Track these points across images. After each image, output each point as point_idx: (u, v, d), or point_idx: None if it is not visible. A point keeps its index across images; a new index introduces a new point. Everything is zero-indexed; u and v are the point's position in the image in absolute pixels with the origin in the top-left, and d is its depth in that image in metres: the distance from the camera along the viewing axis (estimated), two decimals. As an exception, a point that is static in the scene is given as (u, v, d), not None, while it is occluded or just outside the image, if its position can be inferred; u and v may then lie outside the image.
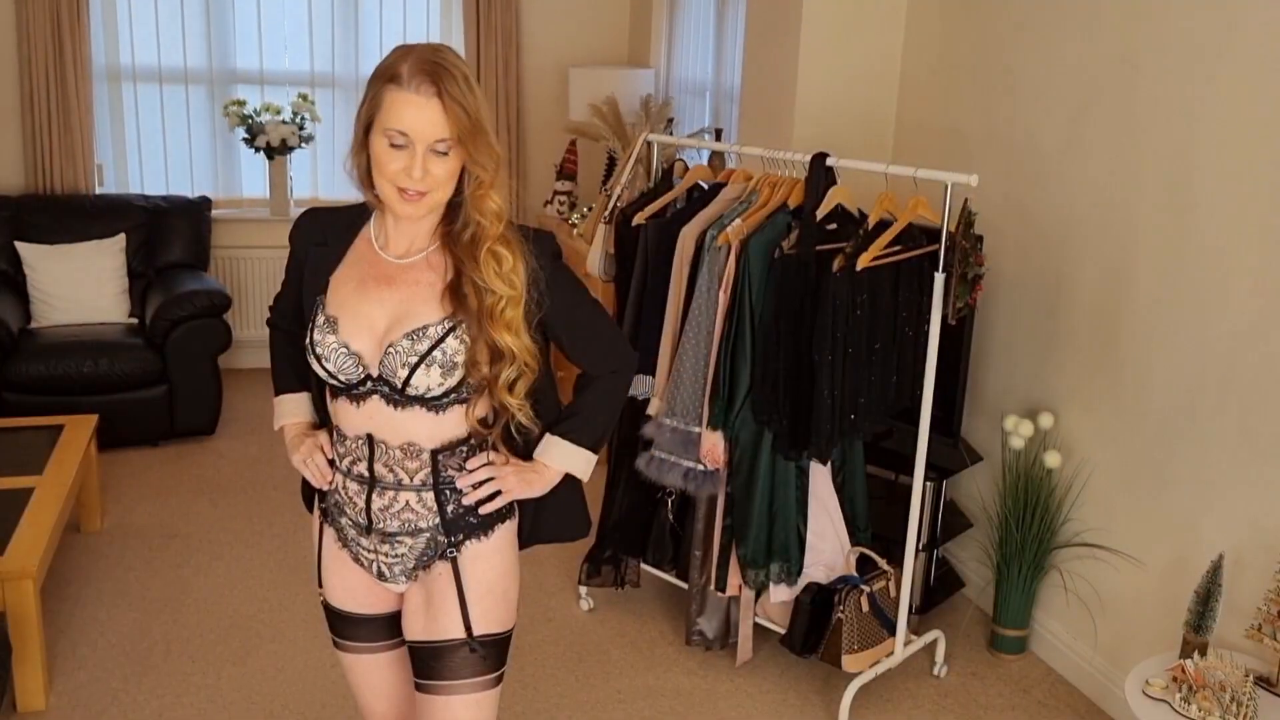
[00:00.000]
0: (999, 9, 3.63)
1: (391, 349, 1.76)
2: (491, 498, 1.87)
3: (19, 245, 5.02)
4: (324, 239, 1.88)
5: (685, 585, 3.40)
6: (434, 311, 1.77)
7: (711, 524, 3.26)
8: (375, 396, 1.79)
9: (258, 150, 5.61)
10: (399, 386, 1.77)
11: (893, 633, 3.18)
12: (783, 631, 3.21)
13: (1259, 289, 2.71)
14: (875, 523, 3.47)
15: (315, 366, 1.82)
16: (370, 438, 1.82)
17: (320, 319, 1.81)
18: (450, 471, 1.85)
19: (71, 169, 5.37)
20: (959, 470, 3.59)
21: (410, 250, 1.81)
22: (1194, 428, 2.91)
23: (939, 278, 2.94)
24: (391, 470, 1.83)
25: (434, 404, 1.79)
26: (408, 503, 1.85)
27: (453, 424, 1.83)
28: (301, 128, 5.63)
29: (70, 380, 4.56)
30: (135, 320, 5.03)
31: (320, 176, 5.93)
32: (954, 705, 3.22)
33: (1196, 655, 2.55)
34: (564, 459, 1.91)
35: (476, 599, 1.89)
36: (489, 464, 1.87)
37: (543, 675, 3.26)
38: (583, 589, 3.63)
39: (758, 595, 3.27)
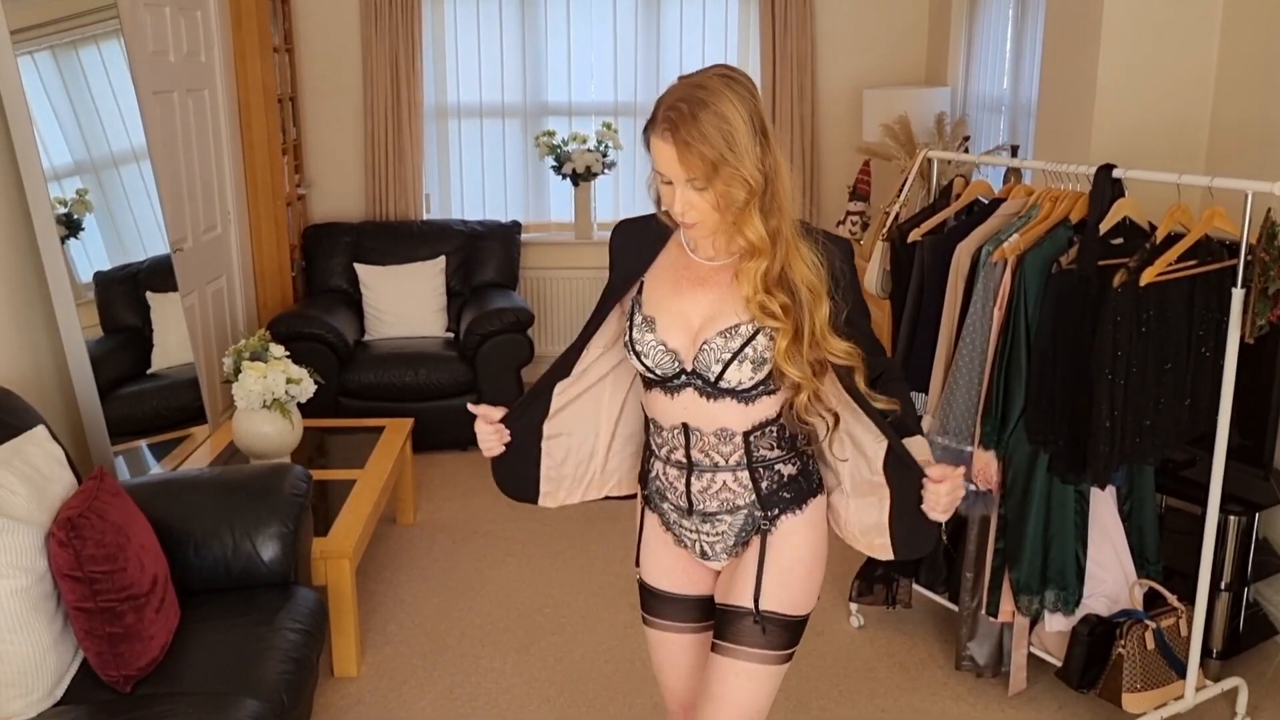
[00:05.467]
0: (1325, 3, 3.32)
1: (706, 345, 1.88)
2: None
3: (357, 266, 5.63)
4: (636, 246, 2.00)
5: (956, 608, 3.32)
6: (743, 312, 1.87)
7: (984, 546, 3.17)
8: (689, 389, 1.92)
9: (564, 177, 5.99)
10: (712, 380, 1.89)
11: (1182, 675, 2.96)
12: (1059, 663, 3.07)
13: None
14: (1176, 559, 3.25)
15: (634, 362, 1.95)
16: (685, 426, 1.95)
17: (638, 318, 1.93)
18: (762, 451, 1.96)
19: (403, 198, 5.96)
20: (1270, 505, 3.29)
21: (719, 254, 1.92)
22: None
23: (1236, 293, 2.73)
24: (707, 455, 1.96)
25: (744, 396, 1.91)
26: (725, 483, 1.98)
27: (762, 409, 1.93)
28: (605, 155, 5.96)
29: (394, 388, 5.06)
30: (451, 334, 5.51)
31: (621, 200, 6.25)
32: (1255, 760, 2.96)
33: None
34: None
35: (775, 575, 1.99)
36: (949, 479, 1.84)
37: (807, 688, 3.28)
38: (853, 606, 3.62)
39: (1032, 623, 3.15)
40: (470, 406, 2.07)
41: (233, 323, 5.16)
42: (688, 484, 1.99)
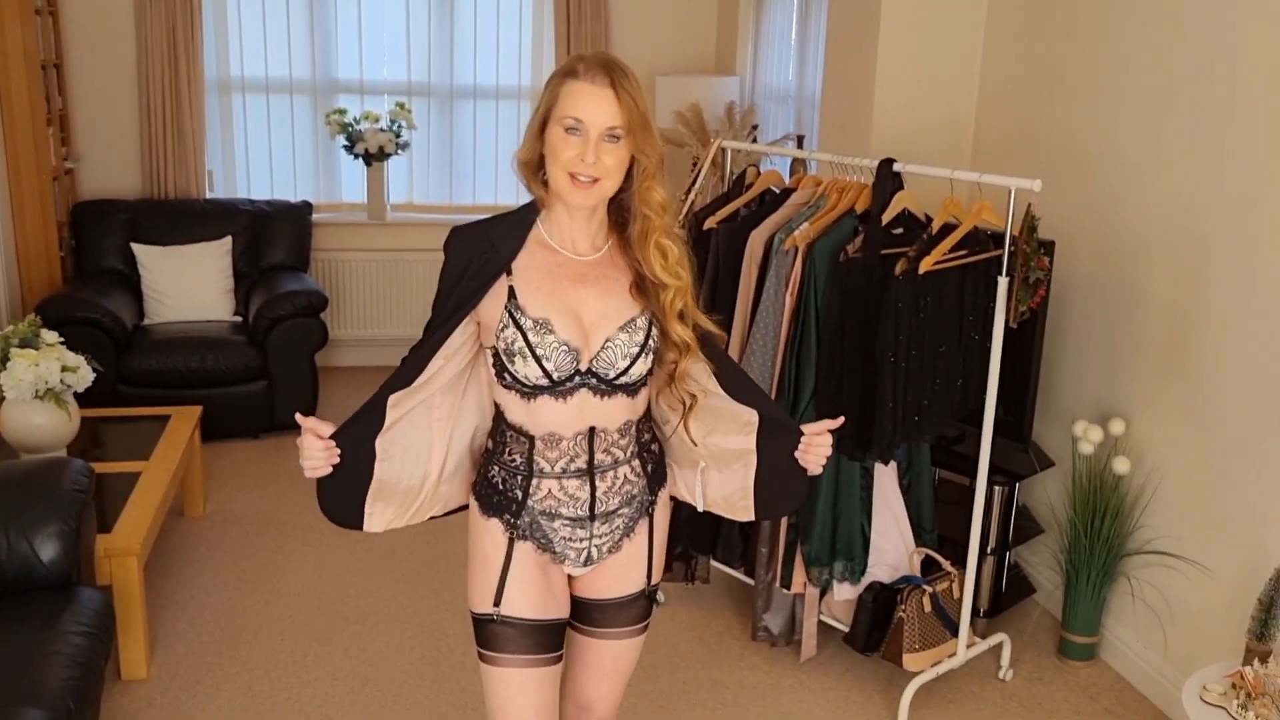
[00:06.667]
0: (1079, 18, 3.62)
1: (610, 343, 1.88)
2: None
3: (135, 247, 5.32)
4: (484, 251, 1.88)
5: (752, 582, 3.47)
6: (631, 305, 1.90)
7: (778, 522, 3.33)
8: (583, 390, 1.90)
9: (356, 157, 5.85)
10: (611, 377, 1.90)
11: (955, 634, 3.21)
12: (846, 629, 3.27)
13: (1330, 295, 2.68)
14: (949, 527, 3.50)
15: (530, 369, 1.85)
16: (592, 430, 1.93)
17: (528, 322, 1.85)
18: (645, 435, 2.02)
19: (184, 175, 5.67)
20: (1029, 475, 3.59)
21: (592, 248, 1.93)
22: (1266, 437, 2.88)
23: (1002, 281, 2.96)
24: (609, 452, 1.96)
25: (632, 389, 1.94)
26: (625, 476, 1.99)
27: (643, 398, 1.99)
28: (398, 135, 5.85)
29: (178, 374, 4.83)
30: (239, 318, 5.30)
31: (415, 182, 6.15)
32: (1017, 709, 3.23)
33: (1256, 662, 2.54)
34: None
35: (659, 548, 2.10)
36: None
37: (611, 664, 3.36)
38: (654, 583, 3.72)
39: (822, 593, 3.33)
40: (298, 418, 1.88)
41: (-6, 306, 4.80)
42: (592, 489, 1.96)
